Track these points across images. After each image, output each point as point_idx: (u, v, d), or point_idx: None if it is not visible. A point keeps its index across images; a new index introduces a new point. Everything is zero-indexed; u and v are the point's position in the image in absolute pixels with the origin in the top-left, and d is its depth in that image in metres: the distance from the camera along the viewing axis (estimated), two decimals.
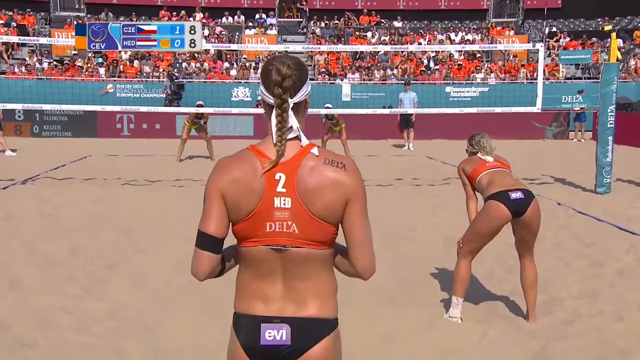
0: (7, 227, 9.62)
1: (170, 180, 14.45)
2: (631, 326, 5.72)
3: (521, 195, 5.44)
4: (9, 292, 6.69)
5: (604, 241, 8.85)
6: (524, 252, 5.70)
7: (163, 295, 6.67)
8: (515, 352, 5.25)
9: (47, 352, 5.22)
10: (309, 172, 2.34)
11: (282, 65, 2.34)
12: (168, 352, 5.30)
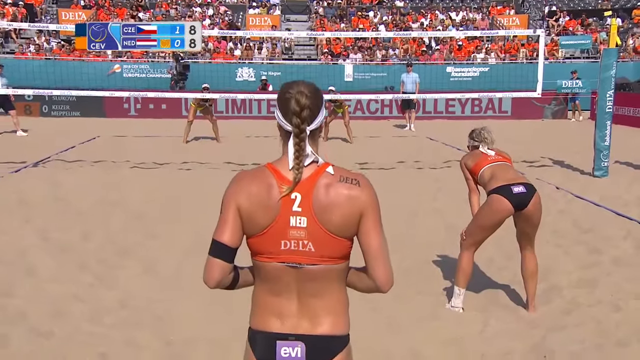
0: (21, 212, 9.58)
1: (178, 163, 14.27)
2: (628, 316, 5.73)
3: (523, 190, 5.44)
4: (25, 280, 6.71)
5: (602, 227, 8.79)
6: (525, 243, 5.72)
7: (174, 284, 6.64)
8: (515, 342, 5.25)
9: (62, 342, 5.24)
10: (325, 191, 2.36)
11: (300, 96, 2.36)
12: (179, 343, 5.28)
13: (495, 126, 16.35)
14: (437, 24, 33.98)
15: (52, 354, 4.99)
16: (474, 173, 5.80)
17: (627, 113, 21.53)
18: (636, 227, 8.78)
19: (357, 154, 15.42)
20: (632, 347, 5.14)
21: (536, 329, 5.51)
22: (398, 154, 15.57)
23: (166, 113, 23.67)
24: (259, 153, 14.53)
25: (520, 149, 15.52)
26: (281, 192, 2.34)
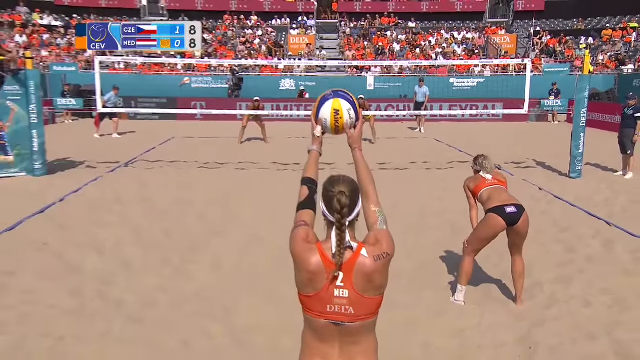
0: (118, 210, 9.42)
1: (234, 163, 13.88)
2: (597, 311, 5.64)
3: (514, 210, 5.44)
4: (122, 271, 6.70)
5: (577, 226, 8.56)
6: (515, 250, 5.70)
7: (236, 278, 6.51)
8: (506, 335, 5.17)
9: (151, 328, 5.24)
10: (363, 270, 2.38)
11: (341, 196, 2.40)
12: (242, 331, 5.20)
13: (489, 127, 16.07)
14: (442, 42, 33.59)
15: (143, 339, 4.98)
16: (475, 193, 5.80)
17: (597, 119, 21.17)
18: (604, 226, 8.54)
19: (378, 154, 15.10)
20: (601, 341, 5.04)
21: (522, 322, 5.41)
22: (410, 155, 15.33)
23: (225, 117, 23.63)
24: (297, 154, 14.45)
25: (509, 151, 15.67)
26: (328, 276, 2.37)
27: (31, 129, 11.19)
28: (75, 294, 5.90)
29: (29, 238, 7.69)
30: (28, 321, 5.28)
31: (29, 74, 11.12)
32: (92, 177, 11.77)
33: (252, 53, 31.13)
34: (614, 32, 32.23)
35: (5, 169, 11.18)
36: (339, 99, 2.83)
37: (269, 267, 6.72)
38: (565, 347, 4.91)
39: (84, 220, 8.62)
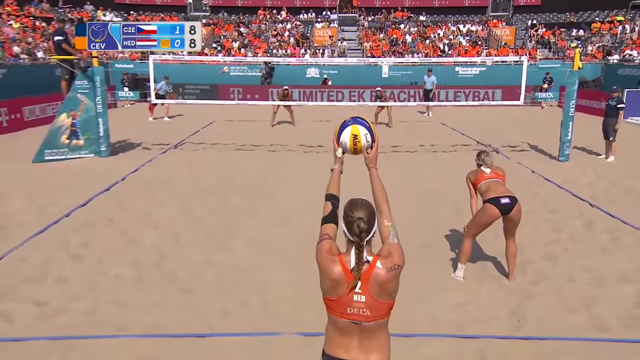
0: (169, 189, 9.33)
1: (267, 145, 13.61)
2: (579, 287, 5.57)
3: (508, 201, 5.41)
4: (174, 246, 6.66)
5: (563, 207, 8.34)
6: (508, 235, 5.65)
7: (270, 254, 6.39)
8: (499, 308, 5.11)
9: (198, 298, 5.25)
10: (378, 279, 2.42)
11: (360, 221, 2.41)
12: (274, 303, 5.16)
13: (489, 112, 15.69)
14: (449, 34, 32.91)
15: (192, 309, 5.00)
16: (475, 185, 5.74)
17: (585, 104, 20.68)
18: (587, 207, 8.33)
19: (393, 137, 14.81)
20: (580, 314, 5.01)
21: (513, 296, 5.35)
22: (419, 138, 14.97)
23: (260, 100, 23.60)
24: (321, 137, 14.35)
25: (506, 135, 15.27)
26: (348, 284, 2.41)
27: (97, 117, 11.29)
28: (136, 265, 5.98)
29: (98, 214, 7.73)
30: (99, 289, 5.37)
31: (95, 70, 11.18)
32: (147, 158, 11.75)
33: (282, 44, 30.87)
34: (602, 25, 31.24)
35: (77, 151, 11.30)
36: (357, 125, 2.85)
37: (298, 244, 6.63)
38: (550, 320, 4.87)
39: (141, 198, 8.62)
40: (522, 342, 4.50)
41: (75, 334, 4.50)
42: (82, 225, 7.21)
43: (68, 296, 5.19)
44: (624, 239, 6.93)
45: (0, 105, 14.58)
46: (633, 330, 4.75)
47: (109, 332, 4.55)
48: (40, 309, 4.93)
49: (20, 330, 4.60)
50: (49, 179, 9.65)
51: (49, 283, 5.50)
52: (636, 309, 5.12)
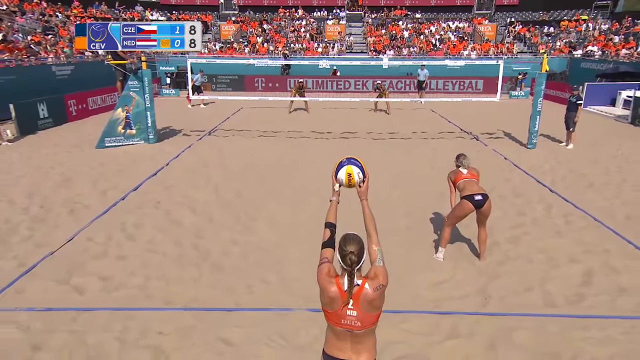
0: (204, 173, 9.19)
1: (285, 132, 13.27)
2: (535, 267, 5.53)
3: (481, 198, 5.41)
4: (208, 226, 6.61)
5: (528, 192, 8.11)
6: (480, 224, 5.64)
7: (289, 234, 6.32)
8: (470, 287, 5.09)
9: (227, 275, 5.28)
10: (366, 297, 2.49)
11: (352, 255, 2.47)
12: (289, 280, 5.13)
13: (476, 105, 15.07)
14: (440, 30, 32.05)
15: (222, 285, 5.04)
16: (454, 183, 5.71)
17: (552, 94, 20.21)
18: (547, 192, 8.13)
19: (389, 125, 14.52)
20: (534, 292, 4.98)
21: (482, 276, 5.29)
22: (412, 125, 14.54)
23: (278, 89, 23.32)
24: (331, 124, 14.23)
25: (485, 123, 14.76)
26: (342, 302, 2.50)
27: (146, 111, 11.28)
28: (178, 244, 6.02)
29: (147, 197, 7.71)
30: (149, 266, 5.45)
31: (144, 72, 11.07)
32: (187, 144, 11.62)
33: (299, 39, 30.33)
34: (569, 23, 30.13)
35: (130, 138, 11.34)
36: (351, 165, 2.89)
37: (309, 224, 6.57)
38: (510, 298, 4.88)
39: (182, 182, 8.55)
40: (486, 318, 4.53)
41: (132, 306, 4.66)
42: (135, 208, 7.24)
43: (126, 272, 5.30)
44: (575, 222, 6.84)
45: (71, 98, 14.62)
46: (575, 306, 4.77)
47: (158, 305, 4.69)
48: (105, 283, 5.08)
49: (89, 301, 4.76)
50: (109, 165, 9.67)
51: (111, 259, 5.62)
52: (580, 287, 5.13)
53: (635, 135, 13.18)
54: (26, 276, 5.19)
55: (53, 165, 9.52)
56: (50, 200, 7.55)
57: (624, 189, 8.31)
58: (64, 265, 5.43)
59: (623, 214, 7.15)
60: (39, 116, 12.95)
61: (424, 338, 4.24)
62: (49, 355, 3.99)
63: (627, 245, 6.10)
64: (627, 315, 4.61)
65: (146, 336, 4.21)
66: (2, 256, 5.66)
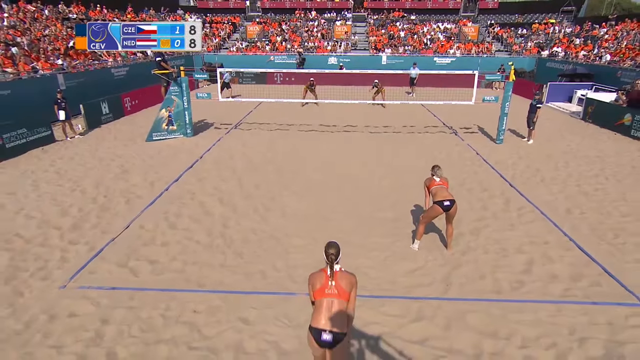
0: (229, 165, 9.00)
1: (297, 125, 12.90)
2: (489, 257, 5.51)
3: (449, 203, 5.41)
4: (233, 216, 6.53)
5: (492, 187, 7.87)
6: (448, 222, 5.62)
7: (299, 225, 6.27)
8: (436, 275, 5.11)
9: (246, 261, 5.34)
10: (341, 278, 3.12)
11: (333, 256, 3.12)
12: (292, 267, 5.14)
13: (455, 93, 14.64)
14: (431, 30, 30.98)
15: (243, 270, 5.15)
16: (428, 188, 5.70)
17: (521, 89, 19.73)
18: (507, 187, 7.91)
19: (383, 118, 14.13)
20: (486, 280, 5.01)
21: (447, 265, 5.31)
22: (403, 118, 13.99)
23: (295, 82, 22.93)
24: (336, 119, 13.90)
25: (463, 118, 14.19)
26: (327, 281, 3.11)
27: (184, 110, 11.30)
28: (208, 233, 6.08)
29: (185, 188, 7.69)
30: (187, 252, 5.58)
31: (182, 79, 11.05)
32: (217, 137, 11.45)
33: (311, 38, 29.61)
34: (539, 26, 28.91)
35: (172, 133, 11.38)
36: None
37: (312, 214, 6.60)
38: (467, 285, 4.95)
39: (213, 174, 8.43)
40: (446, 302, 4.66)
41: (174, 287, 4.90)
42: (175, 198, 7.27)
43: (169, 257, 5.48)
44: (526, 215, 6.77)
45: (126, 96, 14.65)
46: (516, 291, 4.85)
47: (193, 287, 4.91)
48: (153, 267, 5.30)
49: (142, 282, 4.99)
50: (156, 157, 9.68)
51: (157, 245, 5.77)
52: (522, 275, 5.18)
53: (585, 131, 12.86)
54: (95, 259, 5.44)
55: (113, 158, 9.66)
56: (111, 190, 7.71)
57: (568, 184, 8.18)
58: (123, 250, 5.65)
59: (564, 208, 7.08)
60: (102, 112, 13.09)
61: (396, 320, 4.41)
62: (114, 327, 4.29)
63: (563, 237, 6.10)
64: (554, 300, 4.72)
65: (183, 314, 4.48)
66: (78, 241, 5.89)
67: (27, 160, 9.36)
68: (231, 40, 29.25)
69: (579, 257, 5.57)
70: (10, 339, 4.06)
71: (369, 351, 3.97)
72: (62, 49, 15.63)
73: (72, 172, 8.66)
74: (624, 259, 5.54)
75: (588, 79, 17.90)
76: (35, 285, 4.85)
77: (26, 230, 6.14)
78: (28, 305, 4.51)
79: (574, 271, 5.26)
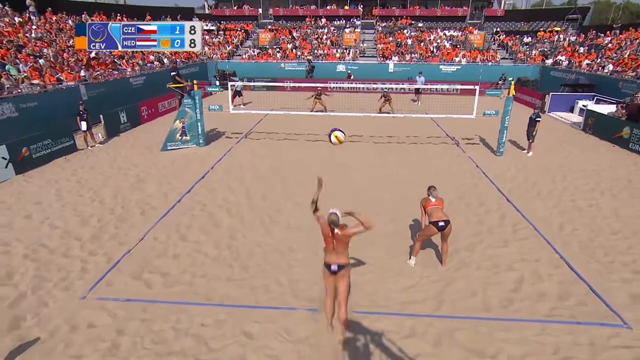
0: (238, 175, 9.05)
1: (305, 134, 12.76)
2: (482, 274, 5.54)
3: (443, 224, 5.48)
4: (240, 228, 6.57)
5: (489, 201, 7.83)
6: (443, 240, 5.73)
7: (297, 236, 6.38)
8: (428, 292, 5.18)
9: (251, 274, 5.46)
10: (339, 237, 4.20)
11: (334, 223, 4.18)
12: (294, 281, 5.27)
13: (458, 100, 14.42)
14: (437, 38, 30.85)
15: (248, 283, 5.29)
16: (425, 208, 5.73)
17: (525, 99, 19.59)
18: (504, 201, 7.87)
19: (388, 128, 13.97)
20: (477, 297, 5.06)
21: (440, 282, 5.34)
22: (408, 128, 13.75)
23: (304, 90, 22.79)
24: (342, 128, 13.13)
25: (466, 129, 13.92)
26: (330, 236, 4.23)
27: (197, 122, 11.50)
28: (216, 245, 6.20)
29: (197, 199, 7.80)
30: (196, 264, 5.74)
31: (195, 92, 11.23)
32: (228, 146, 11.50)
33: (321, 45, 29.73)
34: (544, 33, 28.61)
35: (186, 143, 11.57)
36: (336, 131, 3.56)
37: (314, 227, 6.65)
38: (458, 302, 5.00)
39: (222, 185, 8.49)
40: (437, 320, 4.76)
41: (183, 300, 5.08)
42: (187, 209, 7.40)
43: (180, 269, 5.64)
44: (520, 231, 6.76)
45: (143, 105, 14.91)
46: (505, 310, 4.90)
47: (201, 300, 5.07)
48: (165, 279, 5.49)
49: (155, 294, 5.16)
50: (170, 167, 9.85)
51: (169, 257, 5.94)
52: (512, 292, 5.22)
53: (584, 142, 12.76)
54: (113, 271, 5.66)
55: (130, 167, 9.91)
56: (128, 200, 7.92)
57: (563, 199, 8.16)
58: (137, 262, 5.86)
59: (558, 224, 7.09)
60: (120, 122, 13.43)
61: (390, 335, 4.54)
62: (128, 338, 4.51)
63: (554, 254, 6.13)
64: (540, 319, 4.79)
65: (192, 326, 4.69)
66: (97, 252, 6.10)
67: (52, 170, 9.70)
68: (244, 47, 29.51)
69: (567, 275, 5.63)
70: (36, 348, 4.33)
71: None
72: (84, 60, 16.02)
73: (92, 181, 8.95)
74: (611, 277, 5.59)
75: (590, 90, 17.75)
76: (59, 295, 5.11)
77: (50, 240, 6.42)
78: (52, 315, 4.77)
79: (562, 290, 5.32)
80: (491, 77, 23.15)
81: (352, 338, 4.41)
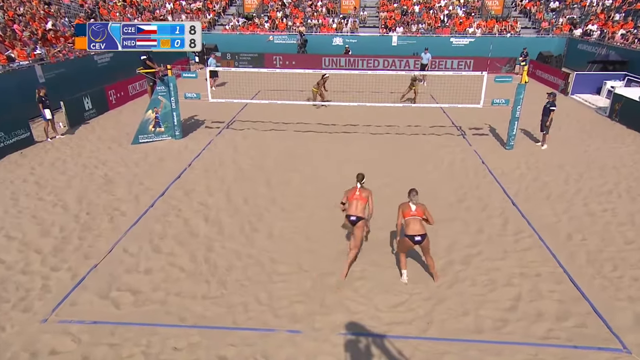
0: (219, 173, 9.21)
1: (294, 123, 12.94)
2: (476, 290, 5.72)
3: (419, 238, 5.75)
4: (218, 237, 6.78)
5: (492, 204, 8.01)
6: (426, 254, 5.98)
7: (279, 246, 6.50)
8: (419, 311, 5.39)
9: (229, 291, 5.71)
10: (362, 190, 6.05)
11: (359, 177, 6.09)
12: (275, 298, 5.51)
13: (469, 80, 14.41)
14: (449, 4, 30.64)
15: (225, 302, 5.48)
16: (403, 216, 5.85)
17: (545, 77, 19.67)
18: (509, 204, 8.05)
19: (387, 115, 14.06)
20: (471, 315, 5.28)
21: (431, 300, 5.54)
22: (409, 116, 14.00)
23: (296, 66, 22.75)
24: (336, 117, 13.83)
25: (474, 116, 13.86)
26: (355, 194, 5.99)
27: (172, 112, 11.70)
28: (192, 258, 6.42)
29: (171, 203, 8.01)
30: (169, 281, 5.94)
31: (169, 78, 11.39)
32: (208, 139, 11.68)
33: (315, 14, 29.55)
34: None
35: (160, 135, 11.79)
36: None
37: (299, 236, 6.87)
38: (448, 322, 5.25)
39: (200, 185, 8.71)
40: (425, 342, 5.01)
41: (155, 322, 5.29)
42: (160, 216, 7.60)
43: (152, 285, 5.86)
44: (523, 241, 6.95)
45: (110, 88, 15.02)
46: (497, 332, 5.14)
47: (174, 321, 5.31)
48: (135, 297, 5.67)
49: (124, 315, 5.36)
50: (142, 164, 10.00)
51: (141, 272, 6.15)
52: (507, 312, 5.45)
53: (608, 131, 12.94)
54: (77, 289, 5.87)
55: (97, 165, 10.09)
56: (94, 204, 8.11)
57: (574, 203, 8.36)
58: (105, 278, 6.07)
59: (565, 232, 7.30)
60: (85, 108, 13.59)
61: (375, 359, 4.87)
62: None
63: (558, 268, 6.35)
64: (534, 342, 5.06)
65: (164, 350, 4.96)
66: (60, 267, 6.31)
67: (5, 167, 9.82)
68: (226, 16, 29.32)
69: (569, 292, 5.86)
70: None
71: None
72: (39, 33, 15.79)
73: (53, 182, 9.14)
74: (617, 295, 5.83)
75: (622, 67, 17.69)
76: (17, 318, 5.35)
77: (7, 253, 6.62)
78: (10, 341, 5.00)
79: (561, 309, 5.55)
80: (507, 51, 23.10)
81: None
